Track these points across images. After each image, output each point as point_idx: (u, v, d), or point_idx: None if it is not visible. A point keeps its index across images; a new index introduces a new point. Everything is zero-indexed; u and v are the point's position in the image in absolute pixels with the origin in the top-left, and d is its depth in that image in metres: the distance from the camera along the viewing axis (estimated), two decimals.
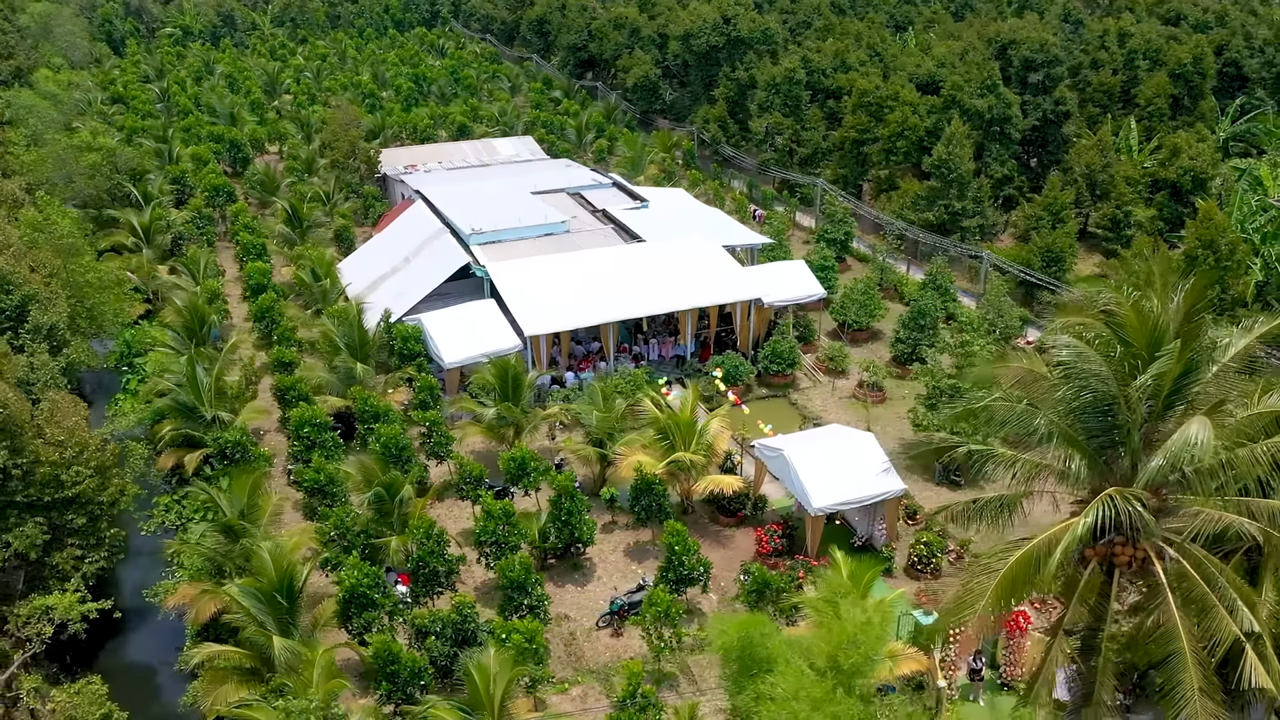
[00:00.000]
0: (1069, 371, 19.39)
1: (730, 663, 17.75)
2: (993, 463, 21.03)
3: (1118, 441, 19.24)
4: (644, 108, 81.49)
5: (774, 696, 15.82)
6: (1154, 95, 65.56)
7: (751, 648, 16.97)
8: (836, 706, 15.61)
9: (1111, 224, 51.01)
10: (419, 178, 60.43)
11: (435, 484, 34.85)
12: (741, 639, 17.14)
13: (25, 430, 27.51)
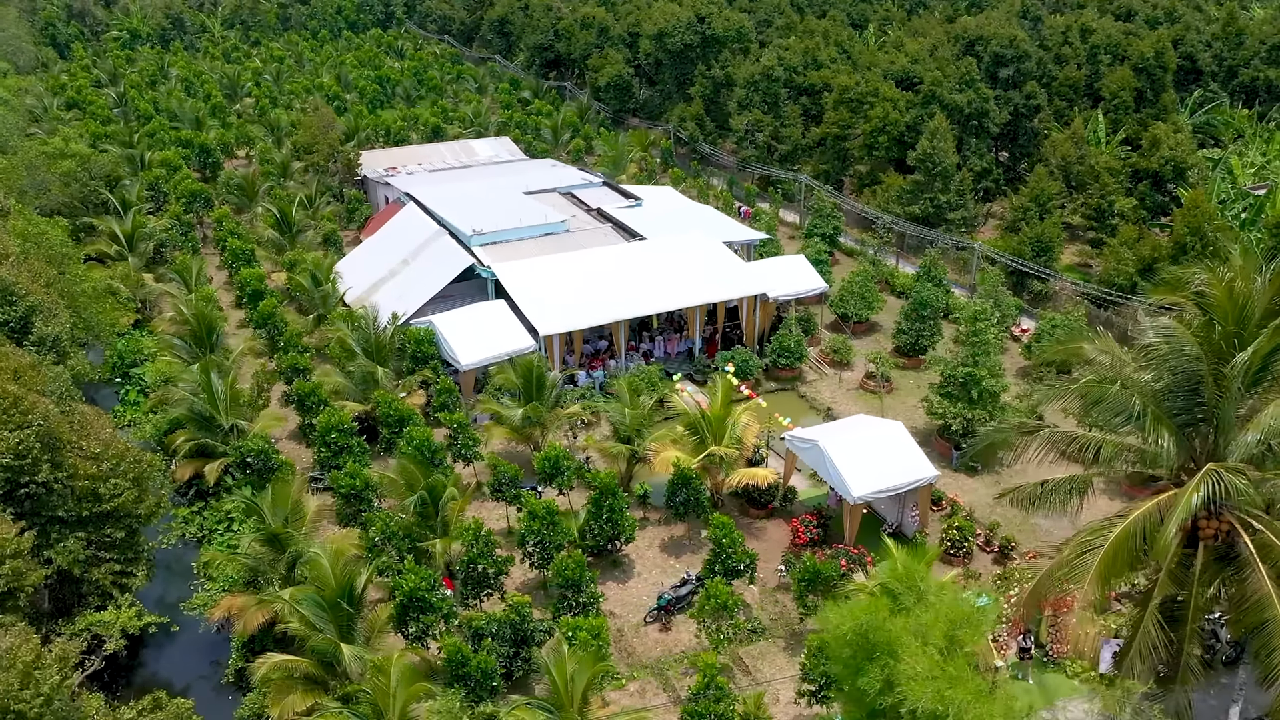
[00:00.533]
0: (1159, 352, 20.03)
1: (843, 647, 18.06)
2: (1078, 444, 21.59)
3: (1199, 419, 19.96)
4: (616, 107, 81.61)
5: (913, 676, 16.16)
6: (1119, 89, 67.51)
7: (870, 632, 17.30)
8: (971, 682, 16.02)
9: (1096, 213, 52.50)
10: (406, 180, 59.83)
11: (469, 486, 34.61)
12: (858, 624, 17.45)
13: (64, 443, 26.78)
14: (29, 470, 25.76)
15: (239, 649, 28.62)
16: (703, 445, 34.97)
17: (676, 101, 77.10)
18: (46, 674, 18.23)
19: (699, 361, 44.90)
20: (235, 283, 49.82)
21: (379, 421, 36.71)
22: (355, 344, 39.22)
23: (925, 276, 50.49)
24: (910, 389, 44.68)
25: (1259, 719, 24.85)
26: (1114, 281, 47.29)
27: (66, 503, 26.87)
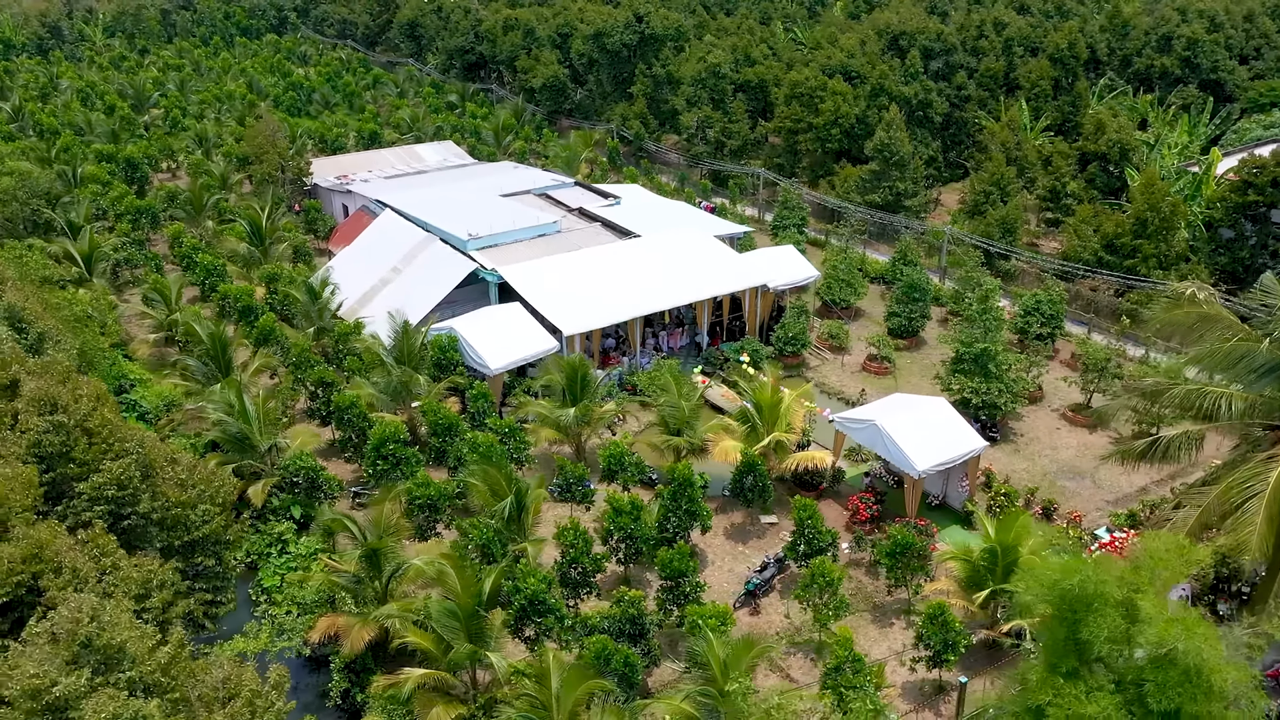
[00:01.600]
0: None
1: (1050, 605, 19.15)
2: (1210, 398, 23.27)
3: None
4: (551, 108, 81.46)
5: (1155, 621, 17.34)
6: (1038, 78, 71.77)
7: (1080, 588, 18.41)
8: (1200, 628, 17.28)
9: (1051, 195, 55.78)
10: (371, 187, 58.41)
11: (538, 489, 34.38)
12: (1066, 581, 18.53)
13: (157, 470, 25.51)
14: (129, 501, 24.47)
15: (340, 670, 27.80)
16: (754, 433, 35.81)
17: (615, 101, 77.58)
18: (266, 700, 17.53)
19: (711, 353, 45.65)
20: (215, 300, 47.70)
21: (421, 431, 36.05)
22: (387, 353, 38.30)
23: (901, 261, 52.71)
24: (909, 369, 46.60)
25: None
26: (1080, 257, 50.44)
27: (162, 532, 25.62)
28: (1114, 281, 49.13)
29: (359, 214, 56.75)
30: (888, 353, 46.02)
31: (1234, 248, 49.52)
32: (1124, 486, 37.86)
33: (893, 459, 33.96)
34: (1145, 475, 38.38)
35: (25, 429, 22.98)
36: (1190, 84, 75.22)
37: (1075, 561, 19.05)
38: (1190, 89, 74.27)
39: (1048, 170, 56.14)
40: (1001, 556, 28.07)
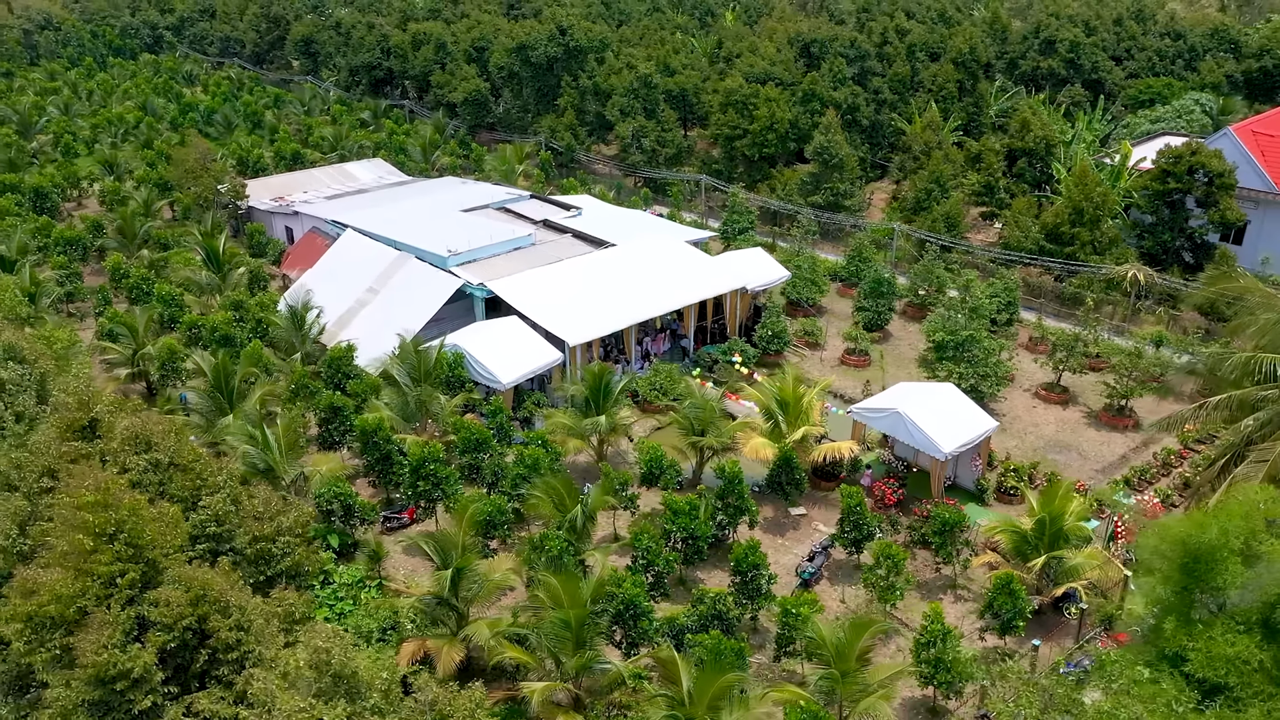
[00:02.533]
0: None
1: (1166, 560, 20.84)
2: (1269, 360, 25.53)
3: None
4: (472, 122, 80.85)
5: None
6: (945, 81, 75.91)
7: (1200, 543, 20.16)
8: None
9: (985, 189, 59.19)
10: (321, 207, 56.88)
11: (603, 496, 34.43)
12: (1199, 535, 20.24)
13: (242, 504, 24.65)
14: (226, 537, 23.60)
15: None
16: (777, 429, 36.96)
17: (541, 113, 77.72)
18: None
19: (699, 355, 46.60)
20: (181, 331, 45.57)
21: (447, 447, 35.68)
22: (402, 373, 37.64)
23: (857, 259, 54.98)
24: (883, 359, 48.66)
25: None
26: (1022, 246, 53.82)
27: (250, 566, 24.77)
28: (1055, 268, 52.68)
29: (311, 236, 55.22)
30: (865, 346, 48.02)
31: (1156, 232, 53.82)
32: (1106, 456, 40.80)
33: (917, 443, 35.66)
34: (1123, 445, 41.63)
35: (125, 468, 21.88)
36: (1075, 83, 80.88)
37: (1201, 516, 20.86)
38: (1076, 88, 79.87)
39: (977, 168, 59.58)
40: (1049, 526, 30.06)
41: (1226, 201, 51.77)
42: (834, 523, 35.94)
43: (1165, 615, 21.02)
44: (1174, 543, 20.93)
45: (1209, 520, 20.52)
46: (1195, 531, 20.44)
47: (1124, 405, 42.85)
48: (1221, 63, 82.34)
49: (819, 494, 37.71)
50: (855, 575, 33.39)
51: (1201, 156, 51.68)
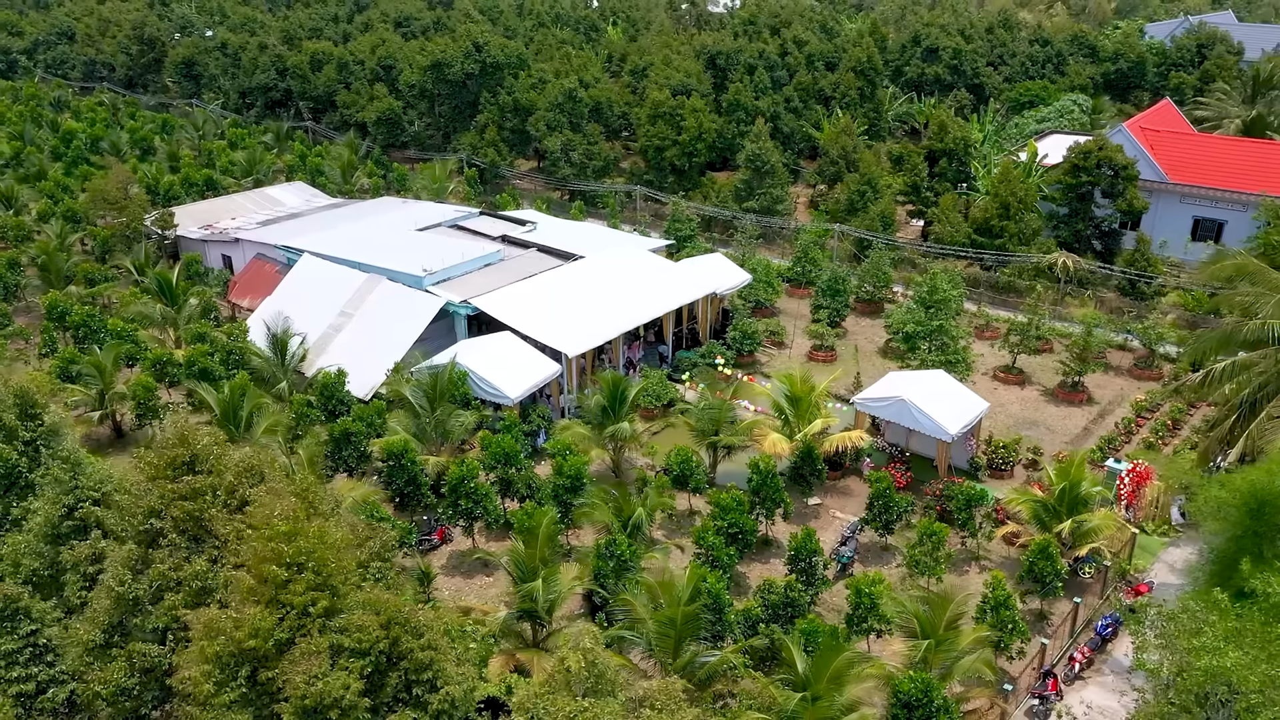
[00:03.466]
0: None
1: (1234, 509, 23.23)
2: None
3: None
4: (386, 142, 79.54)
5: None
6: (847, 89, 79.74)
7: (1270, 490, 22.61)
8: None
9: (912, 189, 62.66)
10: (264, 233, 55.05)
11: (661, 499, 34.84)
12: (1258, 485, 22.68)
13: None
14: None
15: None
16: (787, 425, 38.49)
17: (458, 130, 77.24)
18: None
19: (679, 360, 47.66)
20: (144, 367, 43.46)
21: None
22: (418, 394, 37.20)
23: (804, 259, 57.32)
24: (845, 353, 50.98)
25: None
26: (955, 240, 57.37)
27: None
28: (985, 259, 56.40)
29: (258, 263, 53.45)
30: (831, 341, 50.24)
31: (1070, 222, 58.36)
32: (1070, 429, 44.13)
33: (922, 428, 37.83)
34: (1083, 418, 45.09)
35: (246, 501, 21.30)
36: (959, 88, 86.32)
37: (1270, 466, 23.42)
38: (962, 92, 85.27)
39: (900, 169, 63.06)
40: (1069, 493, 32.62)
41: (1131, 191, 56.66)
42: (847, 509, 37.86)
43: (1239, 556, 23.47)
44: (1242, 492, 23.44)
45: (1276, 469, 23.14)
46: (1265, 480, 23.00)
47: (1077, 382, 46.45)
48: (1083, 66, 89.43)
49: (829, 483, 39.41)
50: (884, 556, 35.28)
51: (1108, 152, 56.42)
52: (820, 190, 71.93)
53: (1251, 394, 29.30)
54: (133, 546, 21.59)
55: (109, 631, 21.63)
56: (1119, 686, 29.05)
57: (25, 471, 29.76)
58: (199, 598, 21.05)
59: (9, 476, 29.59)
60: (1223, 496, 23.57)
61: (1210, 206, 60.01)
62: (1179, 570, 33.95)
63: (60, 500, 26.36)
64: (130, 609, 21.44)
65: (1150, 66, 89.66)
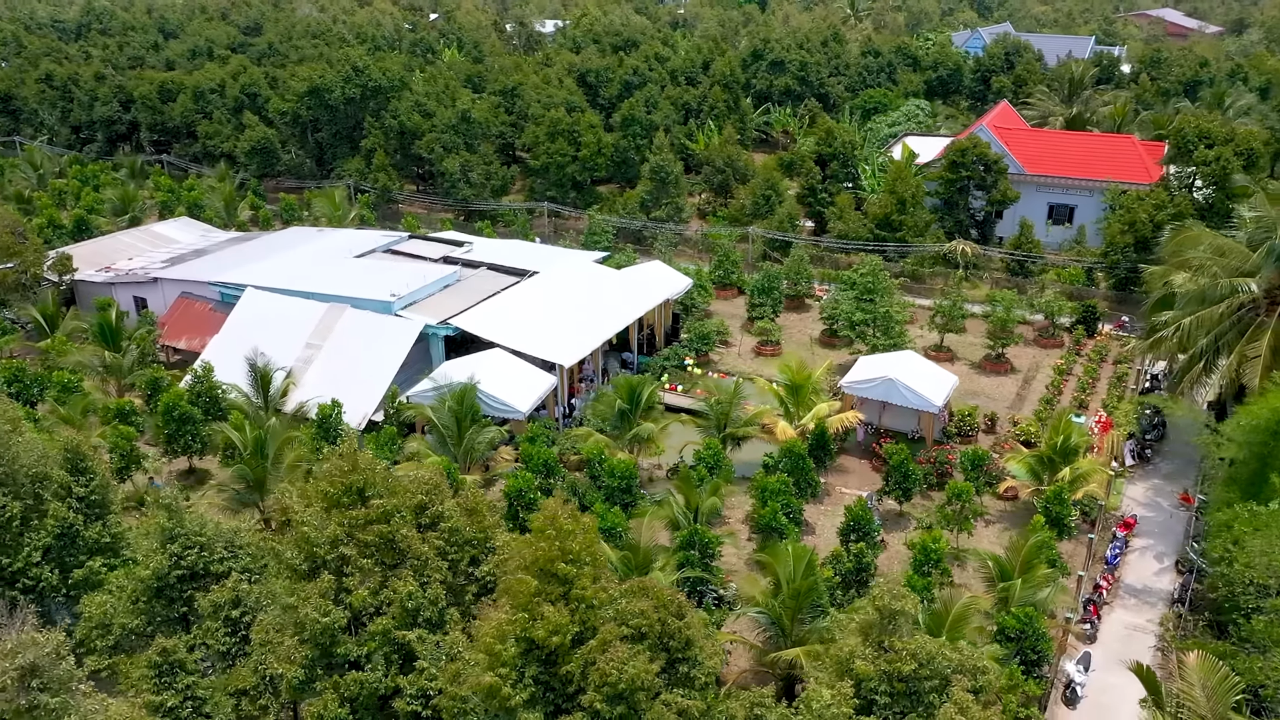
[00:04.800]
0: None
1: (1258, 431, 27.49)
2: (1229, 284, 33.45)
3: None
4: (259, 172, 76.39)
5: None
6: (716, 101, 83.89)
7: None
8: None
9: (808, 190, 66.97)
10: (184, 270, 52.20)
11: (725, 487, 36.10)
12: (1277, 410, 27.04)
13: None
14: None
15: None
16: (789, 413, 41.09)
17: (340, 156, 75.38)
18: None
19: (651, 364, 49.29)
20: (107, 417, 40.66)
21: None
22: (444, 417, 37.02)
23: (726, 262, 60.30)
24: (789, 346, 54.18)
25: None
26: (857, 235, 62.01)
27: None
28: (890, 252, 61.40)
29: (185, 302, 50.73)
30: (777, 336, 53.35)
31: (952, 213, 64.41)
32: (1006, 395, 49.10)
33: (910, 403, 41.37)
34: (1012, 386, 50.17)
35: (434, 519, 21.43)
36: (808, 98, 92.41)
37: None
38: (812, 101, 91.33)
39: (793, 173, 67.39)
40: (1061, 448, 36.88)
41: (1003, 183, 63.30)
42: (850, 485, 40.83)
43: (1266, 472, 27.88)
44: (1262, 412, 27.85)
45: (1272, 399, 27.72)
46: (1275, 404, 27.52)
47: (1001, 354, 51.70)
48: (910, 75, 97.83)
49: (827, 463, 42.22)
50: (899, 522, 38.35)
51: (981, 149, 62.80)
52: (706, 198, 75.24)
53: (1211, 342, 34.46)
54: (329, 577, 21.22)
55: (309, 667, 21.17)
56: (1137, 606, 33.32)
57: (81, 529, 28.11)
58: (411, 617, 21.06)
59: (68, 536, 27.86)
60: (1246, 422, 27.98)
61: (1062, 193, 67.74)
62: (1144, 504, 39.05)
63: (166, 549, 25.20)
64: (331, 640, 21.09)
65: (966, 73, 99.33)
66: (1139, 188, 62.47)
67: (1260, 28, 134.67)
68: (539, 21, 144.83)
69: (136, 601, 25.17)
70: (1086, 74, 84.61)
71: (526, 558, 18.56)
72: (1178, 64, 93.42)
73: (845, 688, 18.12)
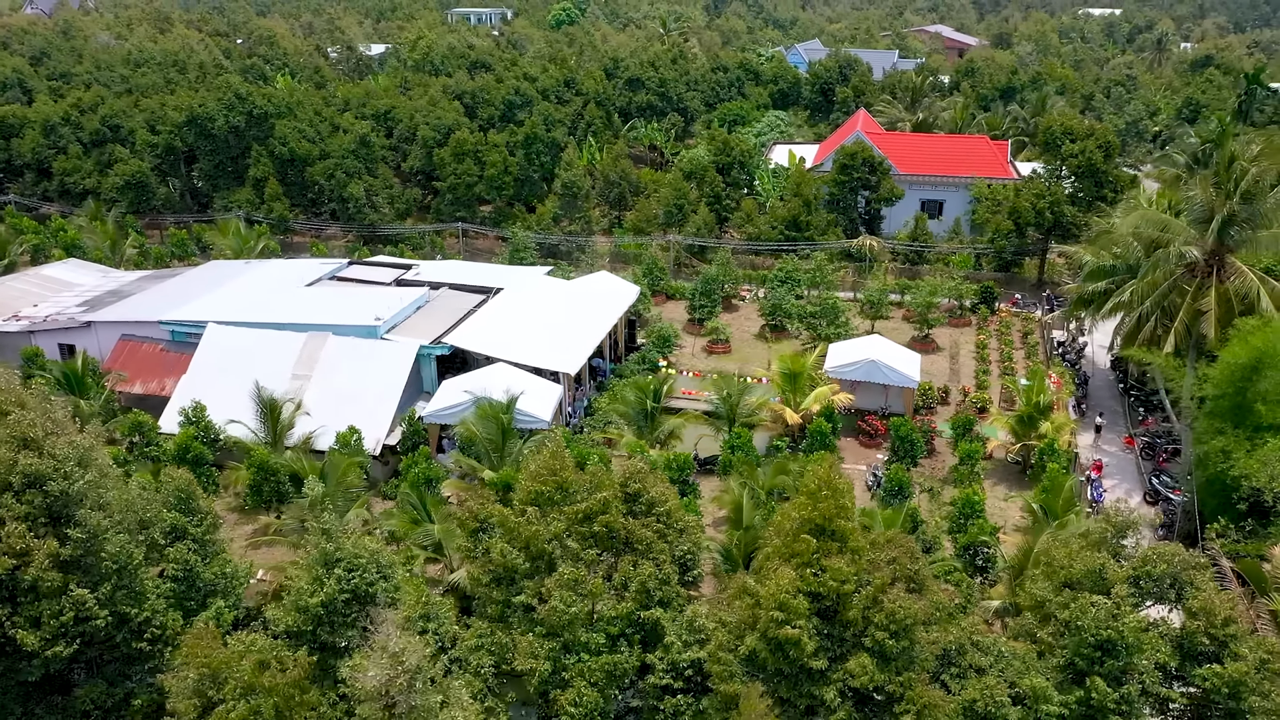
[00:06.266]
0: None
1: (1235, 367, 32.66)
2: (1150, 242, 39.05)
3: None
4: (132, 209, 71.71)
5: None
6: (593, 118, 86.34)
7: (1270, 356, 32.23)
8: None
9: (715, 198, 70.42)
10: (117, 311, 49.09)
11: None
12: (1261, 350, 32.19)
13: None
14: None
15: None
16: (788, 399, 44.10)
17: (222, 187, 72.07)
18: None
19: (625, 369, 50.91)
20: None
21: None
22: (492, 430, 37.30)
23: (653, 269, 62.82)
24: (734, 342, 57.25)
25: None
26: (771, 237, 66.13)
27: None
28: (802, 249, 65.91)
29: (129, 345, 47.73)
30: (726, 335, 56.31)
31: (844, 211, 69.78)
32: (942, 370, 54.13)
33: (891, 380, 45.31)
34: (943, 361, 55.39)
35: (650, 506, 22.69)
36: (669, 112, 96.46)
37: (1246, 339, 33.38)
38: (674, 115, 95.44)
39: (694, 182, 70.83)
40: (1040, 405, 41.76)
41: (886, 182, 69.30)
42: (847, 459, 44.20)
43: (1249, 403, 33.25)
44: (1241, 354, 33.28)
45: (1253, 340, 33.23)
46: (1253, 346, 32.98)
47: (927, 335, 56.93)
48: (755, 89, 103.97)
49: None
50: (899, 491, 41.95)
51: (866, 151, 68.54)
52: (603, 211, 77.41)
53: (1157, 302, 40.28)
54: (568, 570, 22.01)
55: (554, 659, 21.88)
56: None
57: (200, 570, 27.21)
58: (649, 598, 22.24)
59: (188, 580, 26.85)
60: (1229, 360, 33.27)
61: (932, 190, 74.71)
62: (1095, 449, 44.73)
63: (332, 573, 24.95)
64: (567, 627, 21.89)
65: (805, 86, 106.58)
66: (999, 182, 70.27)
67: (1030, 40, 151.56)
68: (365, 46, 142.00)
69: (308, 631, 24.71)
70: (925, 83, 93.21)
71: (797, 518, 20.30)
72: (989, 74, 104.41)
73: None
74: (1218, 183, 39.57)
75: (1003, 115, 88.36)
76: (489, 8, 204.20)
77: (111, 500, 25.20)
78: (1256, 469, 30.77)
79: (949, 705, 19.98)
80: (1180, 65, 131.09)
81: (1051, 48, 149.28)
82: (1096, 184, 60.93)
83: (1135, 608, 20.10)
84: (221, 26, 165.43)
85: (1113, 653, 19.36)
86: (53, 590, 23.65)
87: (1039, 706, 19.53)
